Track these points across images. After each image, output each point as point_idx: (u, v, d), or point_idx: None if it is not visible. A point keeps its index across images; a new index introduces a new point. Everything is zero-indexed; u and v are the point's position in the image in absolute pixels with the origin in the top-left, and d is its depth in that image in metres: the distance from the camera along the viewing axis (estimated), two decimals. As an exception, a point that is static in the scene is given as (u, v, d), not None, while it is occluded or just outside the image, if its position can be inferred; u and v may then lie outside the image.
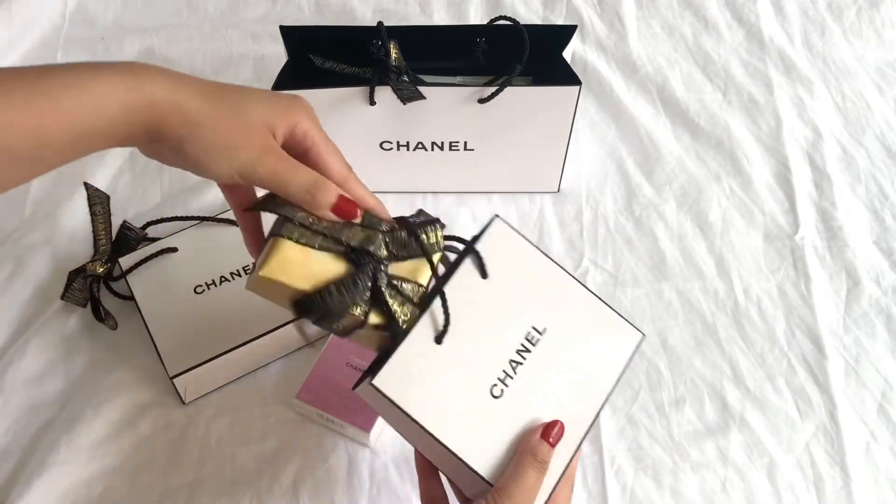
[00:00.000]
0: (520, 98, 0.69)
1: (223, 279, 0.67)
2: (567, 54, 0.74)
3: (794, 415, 0.66)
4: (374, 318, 0.46)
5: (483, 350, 0.49)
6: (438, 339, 0.48)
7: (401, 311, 0.46)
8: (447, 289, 0.49)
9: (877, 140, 0.86)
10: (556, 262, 0.53)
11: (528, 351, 0.50)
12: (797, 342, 0.70)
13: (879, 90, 0.90)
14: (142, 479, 0.61)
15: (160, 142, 0.43)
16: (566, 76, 0.72)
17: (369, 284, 0.46)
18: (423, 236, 0.48)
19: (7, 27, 0.92)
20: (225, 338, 0.63)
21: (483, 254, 0.51)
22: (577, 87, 0.69)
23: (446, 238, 0.51)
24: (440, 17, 0.98)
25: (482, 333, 0.49)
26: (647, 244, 0.77)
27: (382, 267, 0.46)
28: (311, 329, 0.47)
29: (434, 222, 0.49)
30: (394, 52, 0.68)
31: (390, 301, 0.46)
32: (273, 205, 0.47)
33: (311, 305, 0.45)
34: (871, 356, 0.69)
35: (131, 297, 0.67)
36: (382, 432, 0.64)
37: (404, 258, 0.48)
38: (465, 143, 0.74)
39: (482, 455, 0.46)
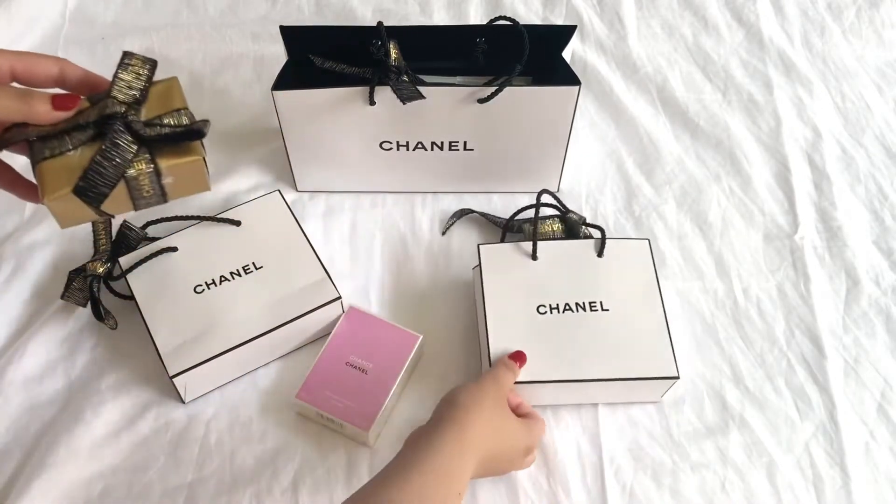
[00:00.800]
0: (520, 98, 0.69)
1: (223, 279, 0.67)
2: (567, 54, 0.74)
3: (793, 415, 0.66)
4: (165, 160, 0.49)
5: (556, 285, 0.66)
6: (533, 255, 0.68)
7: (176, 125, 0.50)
8: (569, 243, 0.69)
9: (876, 140, 0.86)
10: (661, 295, 0.66)
11: (584, 310, 0.65)
12: (797, 342, 0.70)
13: (879, 90, 0.90)
14: (141, 479, 0.61)
15: None
16: (566, 76, 0.72)
17: (129, 139, 0.48)
18: (125, 72, 0.50)
19: (7, 27, 0.92)
20: (225, 337, 0.63)
21: (609, 244, 0.68)
22: (577, 88, 0.69)
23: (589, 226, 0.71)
24: (440, 17, 0.98)
25: (567, 279, 0.67)
26: (646, 244, 0.77)
27: (131, 116, 0.48)
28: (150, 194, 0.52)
29: (123, 57, 0.50)
30: (393, 53, 0.68)
31: (154, 131, 0.49)
32: (3, 142, 0.48)
33: (89, 186, 0.47)
34: (871, 356, 0.69)
35: (131, 297, 0.67)
36: (382, 432, 0.64)
37: (144, 95, 0.50)
38: (465, 143, 0.74)
39: (500, 340, 0.63)
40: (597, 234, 0.70)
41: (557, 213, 0.74)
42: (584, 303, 0.65)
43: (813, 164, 0.83)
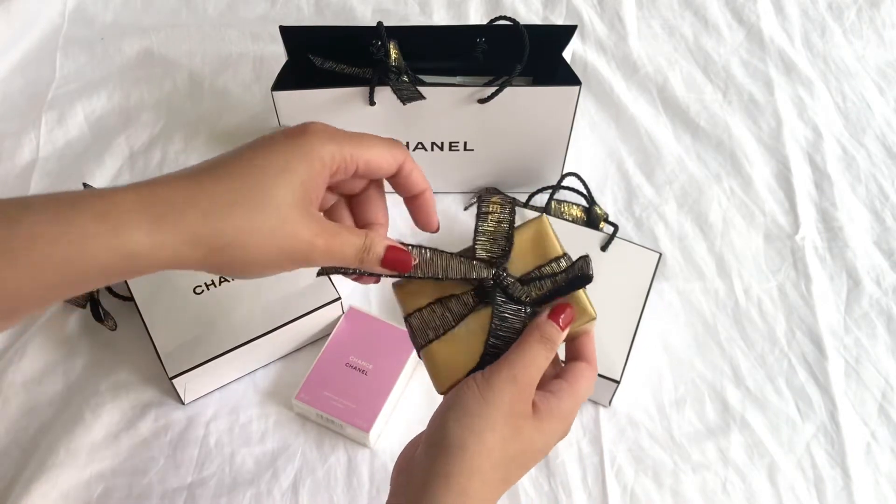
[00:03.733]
0: (520, 98, 0.69)
1: (223, 279, 0.67)
2: (567, 54, 0.74)
3: (794, 415, 0.66)
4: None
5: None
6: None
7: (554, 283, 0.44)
8: (580, 229, 0.70)
9: (877, 140, 0.86)
10: (644, 306, 0.66)
11: None
12: (798, 343, 0.70)
13: (880, 90, 0.90)
14: (141, 481, 0.61)
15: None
16: (566, 76, 0.72)
17: (515, 307, 0.44)
18: (485, 222, 0.45)
19: (7, 27, 0.91)
20: (224, 338, 0.63)
21: (619, 245, 0.70)
22: (577, 88, 0.69)
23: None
24: (440, 17, 0.98)
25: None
26: (647, 244, 0.76)
27: (505, 278, 0.44)
28: None
29: (479, 203, 0.46)
30: (393, 53, 0.68)
31: (535, 291, 0.44)
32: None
33: (483, 365, 0.43)
34: (872, 356, 0.69)
35: (131, 298, 0.66)
36: (382, 433, 0.64)
37: (510, 244, 0.45)
38: (465, 143, 0.74)
39: None
40: (611, 230, 0.71)
41: (584, 201, 0.75)
42: None
43: (814, 165, 0.83)
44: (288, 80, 0.71)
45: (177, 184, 0.37)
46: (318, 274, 0.45)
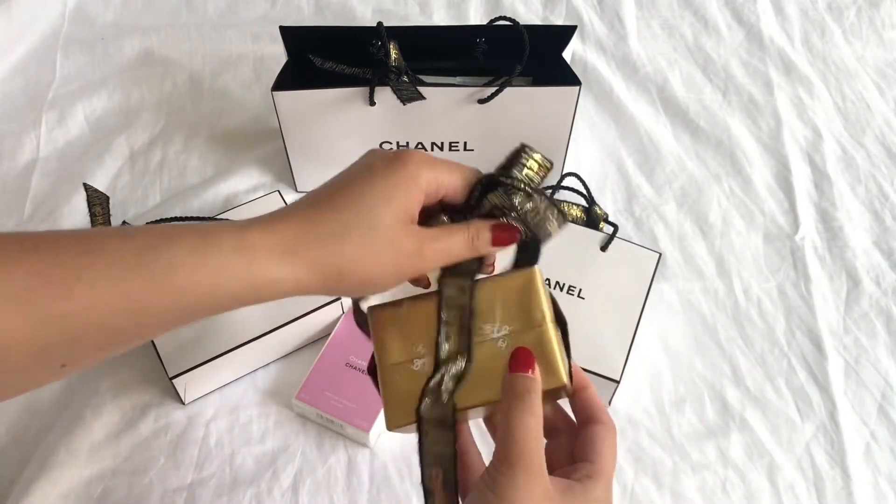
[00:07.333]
0: (520, 98, 0.69)
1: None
2: (567, 54, 0.74)
3: (794, 415, 0.66)
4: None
5: (548, 261, 0.49)
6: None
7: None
8: (580, 229, 0.70)
9: (877, 140, 0.86)
10: (644, 306, 0.66)
11: (561, 290, 0.66)
12: (797, 342, 0.70)
13: (879, 90, 0.90)
14: (141, 480, 0.61)
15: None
16: (566, 76, 0.72)
17: None
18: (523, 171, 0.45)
19: (7, 27, 0.92)
20: (225, 338, 0.63)
21: (618, 245, 0.70)
22: (577, 88, 0.69)
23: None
24: (440, 17, 0.98)
25: (561, 258, 0.67)
26: (647, 244, 0.76)
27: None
28: None
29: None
30: (393, 53, 0.68)
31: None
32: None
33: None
34: (871, 357, 0.69)
35: (131, 298, 0.66)
36: (382, 432, 0.64)
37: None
38: (465, 143, 0.74)
39: None
40: (610, 230, 0.71)
41: (584, 201, 0.75)
42: (564, 284, 0.66)
43: (813, 165, 0.83)
44: (288, 80, 0.71)
45: (294, 220, 0.41)
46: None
